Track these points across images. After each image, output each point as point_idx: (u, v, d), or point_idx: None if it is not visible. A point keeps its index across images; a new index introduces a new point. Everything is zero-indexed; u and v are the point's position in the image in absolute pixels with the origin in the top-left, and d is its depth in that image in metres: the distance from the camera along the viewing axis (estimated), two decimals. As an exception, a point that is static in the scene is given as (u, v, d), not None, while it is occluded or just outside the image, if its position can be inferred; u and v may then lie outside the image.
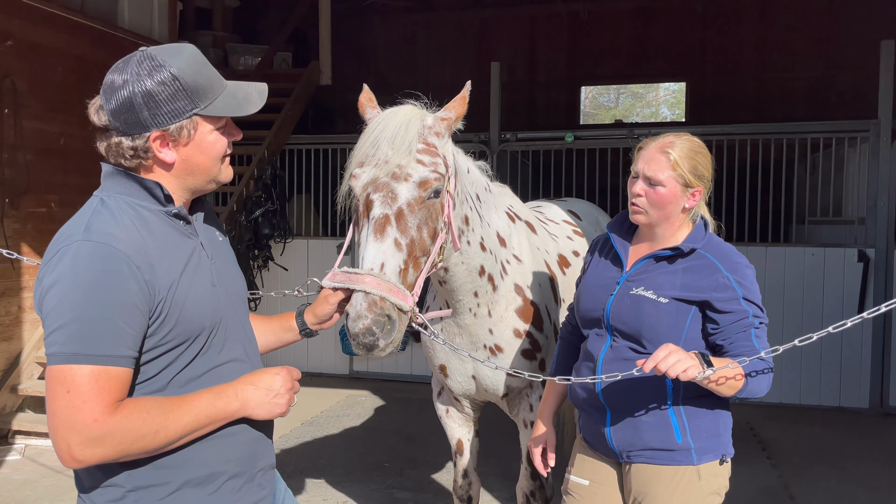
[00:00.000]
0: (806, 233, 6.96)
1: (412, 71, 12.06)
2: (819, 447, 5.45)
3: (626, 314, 2.09)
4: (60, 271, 1.44)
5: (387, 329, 1.90)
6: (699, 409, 2.08)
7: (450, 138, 2.29)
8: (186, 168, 1.61)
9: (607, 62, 11.95)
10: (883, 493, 4.57)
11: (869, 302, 6.43)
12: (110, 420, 1.39)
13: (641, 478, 2.11)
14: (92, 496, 1.54)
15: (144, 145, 1.55)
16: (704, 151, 2.14)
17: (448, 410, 3.05)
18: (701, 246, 2.09)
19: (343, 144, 7.84)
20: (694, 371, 1.82)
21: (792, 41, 11.13)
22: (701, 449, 2.07)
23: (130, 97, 1.52)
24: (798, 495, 4.54)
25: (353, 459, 5.20)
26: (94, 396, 1.38)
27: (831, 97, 10.65)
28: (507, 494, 4.49)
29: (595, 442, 2.23)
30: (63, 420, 1.39)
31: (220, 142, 1.63)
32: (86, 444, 1.38)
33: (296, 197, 8.16)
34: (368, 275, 1.92)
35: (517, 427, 2.93)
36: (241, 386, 1.58)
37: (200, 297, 1.57)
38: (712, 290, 2.03)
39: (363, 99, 2.32)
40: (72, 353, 1.39)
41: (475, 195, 2.47)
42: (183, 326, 1.53)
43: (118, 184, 1.58)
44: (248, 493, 1.67)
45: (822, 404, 6.53)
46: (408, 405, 6.58)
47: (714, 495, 2.10)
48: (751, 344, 1.99)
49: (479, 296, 2.57)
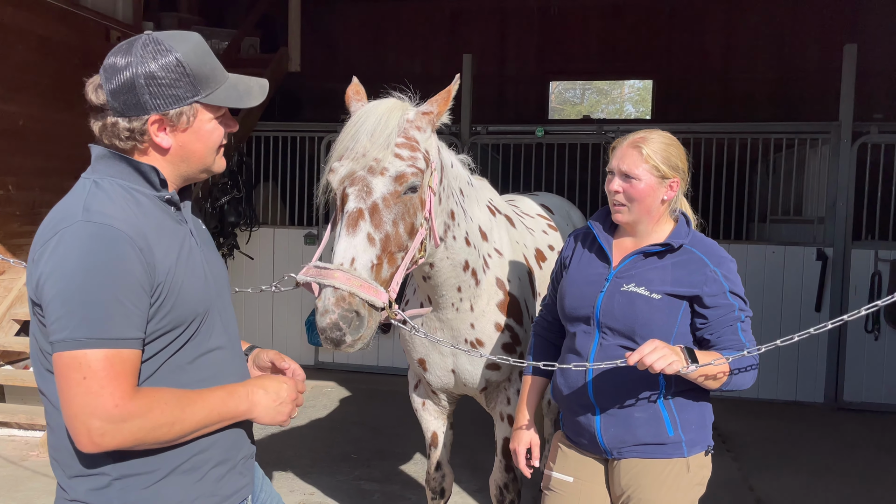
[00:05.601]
0: (767, 231, 7.12)
1: (381, 60, 11.98)
2: (777, 440, 5.60)
3: (617, 311, 2.10)
4: (62, 254, 1.40)
5: (354, 325, 1.90)
6: (687, 402, 2.12)
7: (433, 133, 2.27)
8: (182, 154, 1.60)
9: (576, 58, 12.03)
10: (838, 485, 4.72)
11: (826, 299, 6.62)
12: (130, 405, 1.39)
13: (631, 472, 2.13)
14: (72, 484, 1.51)
15: (142, 127, 1.53)
16: (677, 144, 2.18)
17: (424, 403, 3.05)
18: (688, 241, 2.12)
19: (310, 132, 7.75)
20: (677, 366, 1.86)
21: (755, 43, 11.35)
22: (691, 441, 2.11)
23: (133, 78, 1.50)
24: (757, 487, 4.65)
25: (319, 451, 5.16)
26: (112, 381, 1.37)
27: (793, 99, 10.90)
28: (476, 486, 4.51)
29: (580, 439, 2.22)
30: (82, 406, 1.37)
31: (217, 131, 1.63)
32: (106, 429, 1.37)
33: (262, 185, 8.05)
34: (338, 270, 1.92)
35: (492, 419, 2.94)
36: (253, 388, 1.59)
37: (194, 283, 1.56)
38: (702, 285, 2.06)
39: (350, 92, 2.30)
40: (84, 339, 1.37)
41: (458, 189, 2.47)
42: (178, 311, 1.51)
43: (111, 166, 1.55)
44: (231, 481, 1.66)
45: (779, 398, 6.70)
46: (374, 397, 6.56)
47: (699, 486, 2.15)
48: (737, 338, 2.03)
49: (461, 290, 2.57)
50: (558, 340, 2.38)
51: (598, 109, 23.83)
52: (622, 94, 25.68)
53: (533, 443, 2.36)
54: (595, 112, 22.88)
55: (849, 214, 6.60)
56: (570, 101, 24.60)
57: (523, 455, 2.36)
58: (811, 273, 6.66)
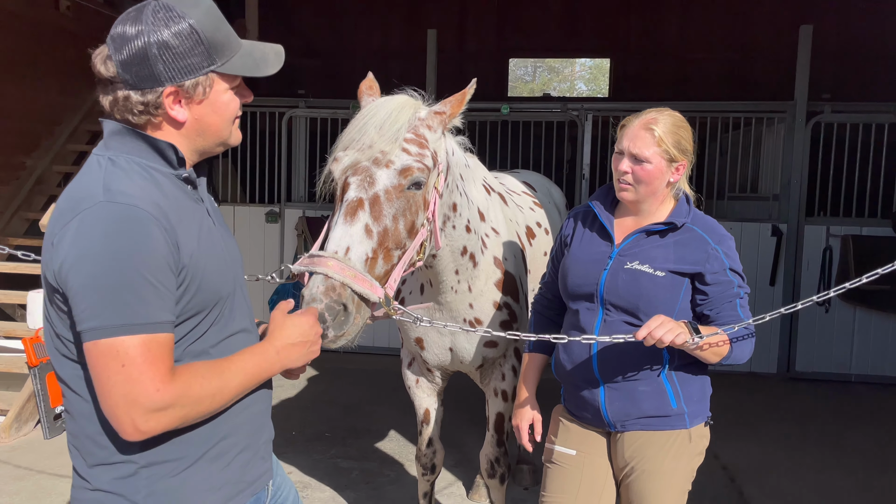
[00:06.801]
0: (725, 208, 7.32)
1: (339, 35, 11.77)
2: (737, 410, 5.81)
3: (622, 289, 2.13)
4: (87, 238, 1.33)
5: (339, 319, 1.81)
6: (689, 376, 2.18)
7: (444, 134, 2.22)
8: (198, 128, 1.52)
9: (536, 35, 12.06)
10: (796, 451, 4.94)
11: (780, 273, 6.86)
12: (172, 388, 1.34)
13: (636, 444, 2.18)
14: (95, 473, 1.45)
15: (156, 101, 1.45)
16: (686, 126, 2.20)
17: (418, 381, 3.05)
18: (689, 220, 2.16)
19: (266, 108, 7.58)
20: (684, 338, 1.91)
21: (711, 23, 11.56)
22: (692, 413, 2.18)
23: (145, 48, 1.41)
24: (722, 454, 4.83)
25: (292, 430, 5.13)
26: (150, 366, 1.32)
27: (747, 79, 11.16)
28: (452, 461, 4.55)
29: (583, 413, 2.26)
30: (123, 395, 1.32)
31: (233, 102, 1.55)
32: (150, 414, 1.33)
33: (220, 161, 7.86)
34: (332, 258, 1.84)
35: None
36: (279, 344, 1.55)
37: (216, 266, 1.51)
38: (704, 262, 2.11)
39: (363, 87, 2.26)
40: (120, 325, 1.31)
41: (459, 175, 2.44)
42: (202, 296, 1.46)
43: (126, 143, 1.47)
44: (255, 466, 1.63)
45: (735, 370, 6.93)
46: (342, 376, 6.54)
47: (699, 455, 2.23)
48: (736, 314, 2.10)
49: (459, 273, 2.57)
50: (558, 318, 2.41)
51: (551, 87, 23.96)
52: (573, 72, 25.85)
53: (535, 419, 2.41)
54: (547, 89, 23.01)
55: (802, 191, 6.83)
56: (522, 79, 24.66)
57: (526, 431, 2.40)
58: (766, 248, 6.89)
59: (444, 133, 2.23)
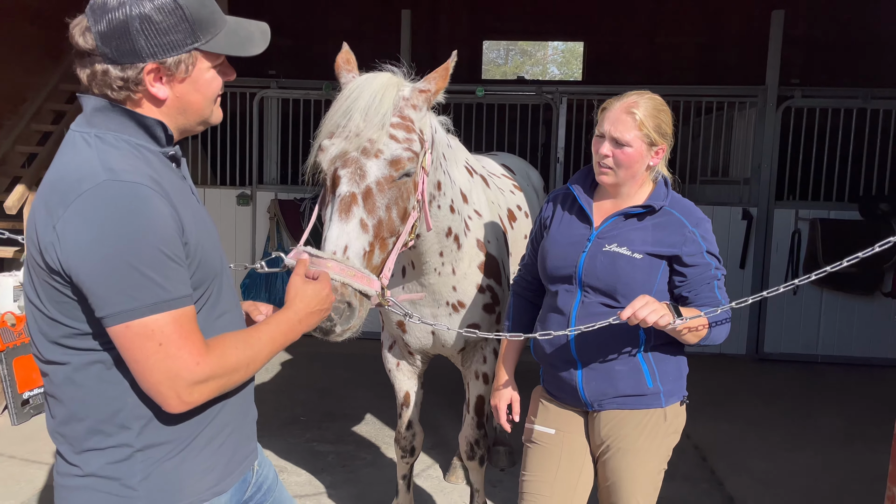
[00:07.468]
0: (696, 191, 7.39)
1: (310, 15, 11.60)
2: (707, 390, 5.90)
3: (600, 271, 2.14)
4: (99, 220, 1.29)
5: (345, 315, 1.88)
6: (664, 356, 2.20)
7: (429, 112, 2.20)
8: (179, 106, 1.48)
9: (509, 18, 12.02)
10: (767, 430, 5.05)
11: (750, 256, 6.97)
12: (210, 360, 1.36)
13: (612, 422, 2.21)
14: (85, 459, 1.42)
15: (136, 77, 1.40)
16: (666, 109, 2.21)
17: (398, 364, 3.05)
18: (667, 203, 2.18)
19: (237, 88, 7.44)
20: (668, 319, 1.93)
21: (683, 8, 11.62)
22: (668, 392, 2.20)
23: (126, 21, 1.36)
24: (694, 434, 4.91)
25: (267, 414, 5.06)
26: (186, 340, 1.34)
27: (719, 63, 11.26)
28: (429, 443, 4.56)
29: (561, 394, 2.29)
30: (165, 372, 1.33)
31: (216, 81, 1.52)
32: (194, 387, 1.36)
33: (190, 142, 7.71)
34: (331, 259, 1.87)
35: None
36: (302, 312, 1.58)
37: (210, 242, 1.50)
38: (681, 245, 2.13)
39: (340, 60, 2.20)
40: (150, 304, 1.30)
41: (442, 154, 2.43)
42: (202, 271, 1.45)
43: (111, 120, 1.42)
44: (243, 446, 1.63)
45: (704, 351, 7.05)
46: (315, 359, 6.50)
47: (674, 434, 2.26)
48: (713, 295, 2.12)
49: (444, 255, 2.56)
50: (537, 300, 2.42)
51: (524, 70, 23.95)
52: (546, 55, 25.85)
53: (514, 399, 2.43)
54: (519, 72, 22.99)
55: (773, 176, 6.93)
56: (495, 62, 24.59)
57: (504, 411, 2.43)
58: (737, 231, 6.99)
59: (428, 110, 2.21)
